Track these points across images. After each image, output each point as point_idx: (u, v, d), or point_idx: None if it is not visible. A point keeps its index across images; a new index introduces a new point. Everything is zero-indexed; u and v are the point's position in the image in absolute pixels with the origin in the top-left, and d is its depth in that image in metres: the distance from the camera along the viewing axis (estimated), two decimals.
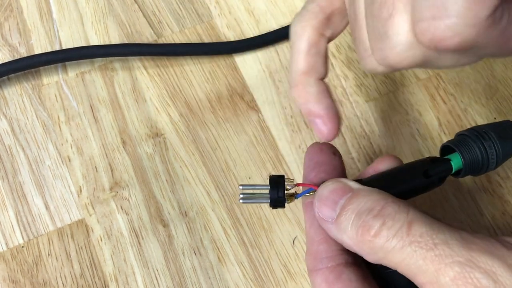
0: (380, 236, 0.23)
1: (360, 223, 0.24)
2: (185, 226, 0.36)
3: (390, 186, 0.26)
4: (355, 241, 0.24)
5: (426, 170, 0.27)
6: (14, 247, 0.36)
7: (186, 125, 0.39)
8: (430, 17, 0.19)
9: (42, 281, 0.35)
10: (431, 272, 0.22)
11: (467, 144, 0.28)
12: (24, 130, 0.39)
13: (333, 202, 0.25)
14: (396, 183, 0.27)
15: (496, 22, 0.20)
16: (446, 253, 0.22)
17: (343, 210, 0.24)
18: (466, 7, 0.19)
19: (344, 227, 0.24)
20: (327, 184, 0.26)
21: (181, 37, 0.41)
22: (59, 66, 0.41)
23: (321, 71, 0.28)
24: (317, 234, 0.26)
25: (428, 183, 0.27)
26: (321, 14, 0.27)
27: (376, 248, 0.23)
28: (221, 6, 0.42)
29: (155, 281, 0.35)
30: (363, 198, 0.24)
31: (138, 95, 0.40)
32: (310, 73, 0.28)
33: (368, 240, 0.23)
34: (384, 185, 0.26)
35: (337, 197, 0.25)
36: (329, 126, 0.28)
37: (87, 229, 0.36)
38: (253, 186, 0.27)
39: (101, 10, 0.43)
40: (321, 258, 0.26)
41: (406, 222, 0.23)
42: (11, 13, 0.43)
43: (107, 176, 0.38)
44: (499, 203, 0.35)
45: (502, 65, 0.38)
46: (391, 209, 0.24)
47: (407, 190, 0.27)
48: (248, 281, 0.34)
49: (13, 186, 0.38)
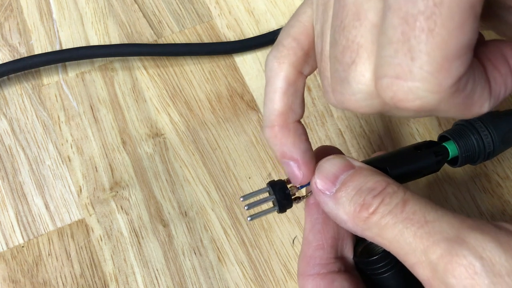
0: (376, 213, 0.23)
1: (361, 201, 0.24)
2: (185, 226, 0.36)
3: (390, 166, 0.26)
4: (351, 217, 0.24)
5: (418, 148, 0.28)
6: (14, 247, 0.36)
7: (186, 125, 0.39)
8: (394, 75, 0.19)
9: (42, 281, 0.35)
10: (420, 251, 0.22)
11: (462, 132, 0.29)
12: (24, 130, 0.39)
13: (334, 176, 0.25)
14: (391, 161, 0.27)
15: (460, 90, 0.19)
16: (436, 230, 0.22)
17: (344, 186, 0.24)
18: (431, 74, 0.18)
19: (342, 202, 0.24)
20: (330, 158, 0.26)
21: (181, 37, 0.41)
22: (59, 66, 0.41)
23: (299, 112, 0.27)
24: (315, 239, 0.26)
25: (425, 164, 0.27)
26: (299, 50, 0.26)
27: (371, 224, 0.23)
28: (221, 6, 0.42)
29: (155, 281, 0.35)
30: (365, 177, 0.24)
31: (138, 95, 0.40)
32: (287, 114, 0.26)
33: (365, 216, 0.23)
34: (383, 165, 0.26)
35: (339, 172, 0.25)
36: (304, 171, 0.26)
37: (87, 229, 0.36)
38: (254, 193, 0.27)
39: (101, 10, 0.43)
40: (314, 264, 0.26)
41: (402, 200, 0.23)
42: (11, 13, 0.43)
43: (107, 176, 0.38)
44: (498, 203, 0.35)
45: None
46: (390, 189, 0.24)
47: (405, 170, 0.27)
48: (248, 281, 0.35)
49: (13, 186, 0.38)
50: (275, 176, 0.37)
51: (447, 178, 0.36)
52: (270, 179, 0.37)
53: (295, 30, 0.26)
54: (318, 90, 0.39)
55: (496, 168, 0.36)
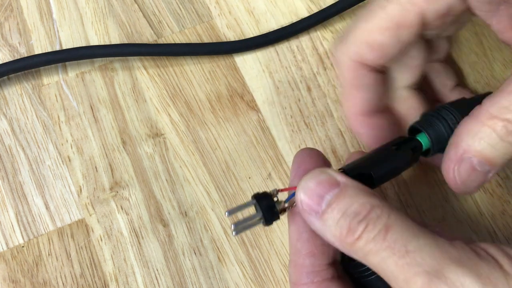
0: (361, 238, 0.23)
1: (346, 225, 0.24)
2: (185, 226, 0.36)
3: (370, 168, 0.26)
4: (338, 239, 0.24)
5: (395, 144, 0.28)
6: (14, 247, 0.36)
7: (186, 125, 0.39)
8: None
9: (42, 281, 0.35)
10: (401, 280, 0.22)
11: (432, 122, 0.29)
12: (24, 130, 0.39)
13: (319, 196, 0.24)
14: (374, 165, 0.27)
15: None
16: (417, 262, 0.22)
17: (330, 208, 0.24)
18: None
19: (328, 224, 0.24)
20: (313, 175, 0.25)
21: (181, 37, 0.41)
22: (59, 66, 0.41)
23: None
24: (304, 247, 0.26)
25: (400, 156, 0.27)
26: None
27: (357, 248, 0.23)
28: (221, 6, 0.42)
29: (155, 281, 0.35)
30: (350, 199, 0.24)
31: (138, 95, 0.40)
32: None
33: (351, 241, 0.23)
34: (368, 170, 0.26)
35: (323, 191, 0.24)
36: None
37: (87, 229, 0.36)
38: (238, 208, 0.26)
39: (101, 10, 0.43)
40: (307, 272, 0.26)
41: (384, 226, 0.23)
42: (11, 13, 0.43)
43: (107, 176, 0.38)
44: (498, 203, 0.35)
45: (501, 65, 0.38)
46: (374, 214, 0.23)
47: (387, 171, 0.27)
48: (248, 281, 0.35)
49: (13, 186, 0.38)
50: (275, 176, 0.37)
51: None
52: (270, 179, 0.37)
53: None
54: (318, 90, 0.39)
55: None
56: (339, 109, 0.38)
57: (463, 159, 0.26)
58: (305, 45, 0.40)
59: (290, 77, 0.39)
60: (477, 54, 0.39)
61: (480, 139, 0.25)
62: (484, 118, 0.25)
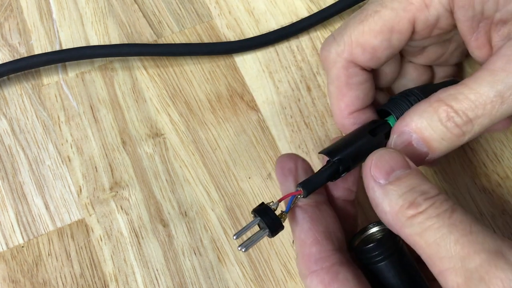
0: (424, 213, 0.24)
1: (411, 199, 0.24)
2: (185, 226, 0.36)
3: (347, 148, 0.28)
4: (394, 210, 0.25)
5: (371, 130, 0.29)
6: (14, 247, 0.36)
7: (186, 125, 0.39)
8: None
9: (42, 281, 0.35)
10: (458, 257, 0.23)
11: (400, 106, 0.30)
12: (24, 130, 0.39)
13: (391, 168, 0.25)
14: (351, 145, 0.28)
15: None
16: (478, 241, 0.23)
17: (398, 181, 0.25)
18: None
19: (390, 194, 0.25)
20: (390, 150, 0.26)
21: (181, 37, 0.41)
22: (59, 66, 0.41)
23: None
24: (308, 236, 0.26)
25: (376, 141, 0.29)
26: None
27: (415, 223, 0.24)
28: (221, 6, 0.42)
29: (155, 281, 0.35)
30: (420, 180, 0.25)
31: (138, 95, 0.40)
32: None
33: (411, 214, 0.24)
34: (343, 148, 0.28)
35: (396, 166, 0.26)
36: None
37: (87, 229, 0.36)
38: (244, 229, 0.27)
39: (101, 10, 0.43)
40: (315, 260, 0.26)
41: (451, 208, 0.24)
42: (11, 13, 0.43)
43: (107, 176, 0.38)
44: (498, 202, 0.35)
45: None
46: (442, 197, 0.24)
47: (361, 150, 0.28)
48: (248, 281, 0.35)
49: (13, 186, 0.38)
50: (275, 175, 0.37)
51: (447, 178, 0.36)
52: (270, 179, 0.37)
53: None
54: (318, 90, 0.39)
55: (496, 168, 0.36)
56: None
57: (403, 131, 0.27)
58: (305, 45, 0.40)
59: (290, 77, 0.39)
60: None
61: (422, 118, 0.26)
62: (432, 101, 0.26)
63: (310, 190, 0.27)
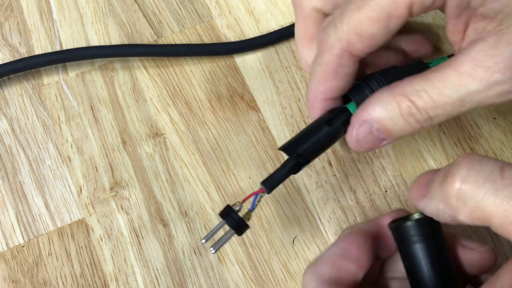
0: (468, 182, 0.22)
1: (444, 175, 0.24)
2: (185, 226, 0.36)
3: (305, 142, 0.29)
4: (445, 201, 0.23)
5: (328, 120, 0.29)
6: (14, 246, 0.36)
7: (186, 125, 0.39)
8: None
9: (42, 281, 0.35)
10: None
11: (361, 91, 0.30)
12: (25, 130, 0.39)
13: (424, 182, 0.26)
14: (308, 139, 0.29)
15: None
16: None
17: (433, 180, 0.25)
18: None
19: (434, 194, 0.24)
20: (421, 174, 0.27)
21: (181, 37, 0.42)
22: (60, 66, 0.41)
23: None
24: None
25: (334, 130, 0.29)
26: None
27: (466, 197, 0.22)
28: (221, 6, 0.42)
29: (155, 280, 0.35)
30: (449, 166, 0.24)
31: (138, 95, 0.40)
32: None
33: (455, 189, 0.23)
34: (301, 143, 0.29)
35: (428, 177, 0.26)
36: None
37: (87, 228, 0.36)
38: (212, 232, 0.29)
39: (101, 10, 0.43)
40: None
41: (498, 167, 0.22)
42: (12, 13, 0.43)
43: (107, 176, 0.38)
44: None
45: None
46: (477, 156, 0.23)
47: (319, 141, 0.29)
48: (248, 281, 0.35)
49: (13, 186, 0.38)
50: None
51: None
52: None
53: None
54: None
55: None
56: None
57: (365, 121, 0.28)
58: None
59: (290, 77, 0.39)
60: None
61: (385, 110, 0.27)
62: (396, 93, 0.27)
63: (272, 187, 0.29)
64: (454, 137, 0.37)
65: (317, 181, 0.36)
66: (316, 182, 0.36)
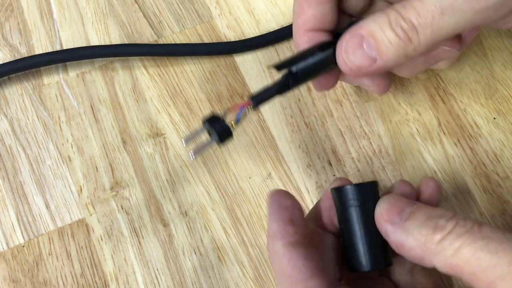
0: (452, 233, 0.24)
1: (433, 225, 0.25)
2: (185, 226, 0.36)
3: (296, 62, 0.29)
4: (422, 241, 0.25)
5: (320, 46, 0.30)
6: (14, 246, 0.36)
7: (186, 125, 0.39)
8: None
9: (43, 281, 0.35)
10: (503, 264, 0.22)
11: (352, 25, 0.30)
12: (25, 130, 0.39)
13: (400, 208, 0.27)
14: (300, 59, 0.29)
15: None
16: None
17: (412, 215, 0.26)
18: None
19: (411, 229, 0.25)
20: (391, 195, 0.28)
21: (181, 37, 0.42)
22: (60, 66, 0.41)
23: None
24: (302, 272, 0.25)
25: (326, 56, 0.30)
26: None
27: (446, 245, 0.24)
28: (221, 6, 0.42)
29: (155, 280, 0.35)
30: (431, 209, 0.26)
31: (138, 95, 0.40)
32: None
33: (438, 238, 0.24)
34: (292, 62, 0.29)
35: (404, 205, 0.27)
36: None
37: (88, 228, 0.37)
38: (193, 133, 0.29)
39: (101, 10, 0.43)
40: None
41: (476, 223, 0.24)
42: (12, 13, 0.43)
43: (107, 175, 0.38)
44: (498, 203, 0.35)
45: (501, 66, 0.38)
46: (461, 215, 0.25)
47: (311, 64, 0.29)
48: (248, 281, 0.35)
49: (13, 186, 0.38)
50: (275, 175, 0.37)
51: (447, 178, 0.36)
52: (270, 179, 0.37)
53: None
54: None
55: (496, 168, 0.36)
56: (339, 108, 0.38)
57: (356, 34, 0.28)
58: None
59: None
60: (476, 54, 0.39)
61: (374, 22, 0.27)
62: (387, 10, 0.27)
63: (259, 102, 0.29)
64: (454, 137, 0.37)
65: (317, 181, 0.36)
66: (316, 182, 0.36)
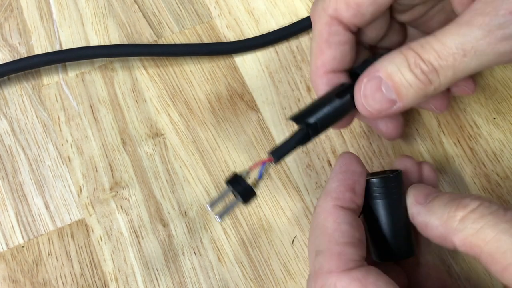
0: (476, 212, 0.24)
1: (456, 203, 0.25)
2: (185, 226, 0.36)
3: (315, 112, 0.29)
4: (444, 219, 0.25)
5: (338, 93, 0.29)
6: (14, 247, 0.36)
7: (186, 125, 0.39)
8: None
9: (42, 281, 0.35)
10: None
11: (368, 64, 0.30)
12: (24, 130, 0.39)
13: (427, 192, 0.28)
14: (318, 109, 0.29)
15: None
16: None
17: (438, 197, 0.27)
18: None
19: (435, 209, 0.26)
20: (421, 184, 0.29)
21: (181, 37, 0.42)
22: (59, 66, 0.41)
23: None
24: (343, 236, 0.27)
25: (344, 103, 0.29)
26: None
27: (468, 222, 0.24)
28: (221, 6, 0.42)
29: (155, 280, 0.35)
30: (457, 194, 0.27)
31: (138, 95, 0.40)
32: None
33: (461, 215, 0.25)
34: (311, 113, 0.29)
35: (431, 192, 0.28)
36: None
37: (87, 229, 0.36)
38: (218, 197, 0.29)
39: (101, 11, 0.43)
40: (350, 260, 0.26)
41: (502, 207, 0.24)
42: (11, 13, 0.43)
43: (107, 176, 0.38)
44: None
45: (501, 66, 0.38)
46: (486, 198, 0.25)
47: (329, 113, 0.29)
48: (248, 281, 0.35)
49: (13, 186, 0.38)
50: (275, 176, 0.37)
51: (447, 178, 0.36)
52: (270, 179, 0.37)
53: None
54: None
55: (496, 168, 0.36)
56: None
57: (374, 76, 0.27)
58: (305, 45, 0.40)
59: (289, 77, 0.39)
60: None
61: (393, 63, 0.27)
62: (403, 49, 0.27)
63: (280, 157, 0.29)
64: (453, 137, 0.37)
65: (317, 181, 0.36)
66: (316, 182, 0.36)
